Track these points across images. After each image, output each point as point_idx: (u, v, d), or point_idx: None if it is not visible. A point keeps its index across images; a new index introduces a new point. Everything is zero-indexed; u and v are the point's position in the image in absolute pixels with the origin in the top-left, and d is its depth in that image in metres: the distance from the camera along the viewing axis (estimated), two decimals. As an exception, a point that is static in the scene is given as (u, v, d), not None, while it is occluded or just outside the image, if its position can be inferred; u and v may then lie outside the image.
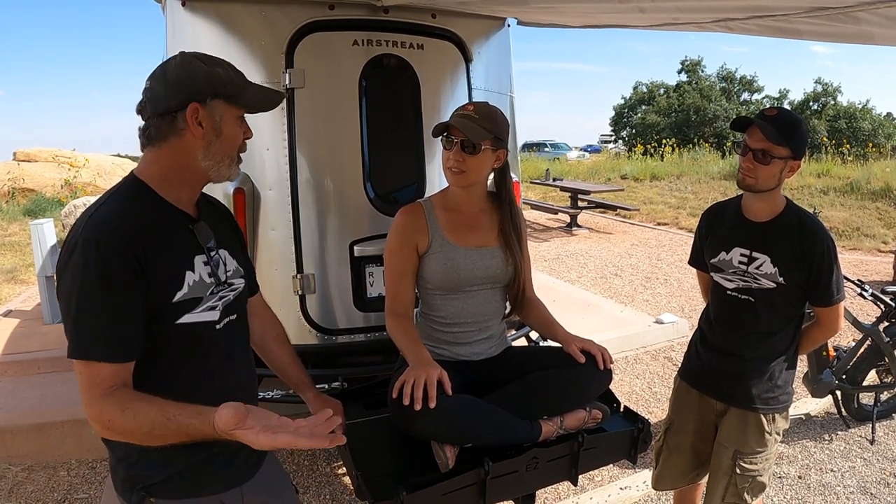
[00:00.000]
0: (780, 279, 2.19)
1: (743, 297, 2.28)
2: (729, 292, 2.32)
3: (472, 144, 1.99)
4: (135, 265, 1.31)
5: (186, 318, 1.41)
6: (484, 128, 1.99)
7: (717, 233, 2.38)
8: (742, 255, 2.27)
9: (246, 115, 1.53)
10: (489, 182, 2.20)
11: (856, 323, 4.07)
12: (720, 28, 2.76)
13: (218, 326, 1.50)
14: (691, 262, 2.60)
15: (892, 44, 2.43)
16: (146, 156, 1.45)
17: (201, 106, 1.38)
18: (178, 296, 1.39)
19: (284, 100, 2.92)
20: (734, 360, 2.32)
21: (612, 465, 3.50)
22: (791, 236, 2.18)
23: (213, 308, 1.48)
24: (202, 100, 1.38)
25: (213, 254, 1.51)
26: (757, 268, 2.23)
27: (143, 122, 1.43)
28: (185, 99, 1.37)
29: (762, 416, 2.28)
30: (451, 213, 2.15)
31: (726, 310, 2.35)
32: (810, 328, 2.37)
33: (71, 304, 1.29)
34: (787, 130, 2.08)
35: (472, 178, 2.06)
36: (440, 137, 2.07)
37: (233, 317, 1.56)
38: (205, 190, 1.58)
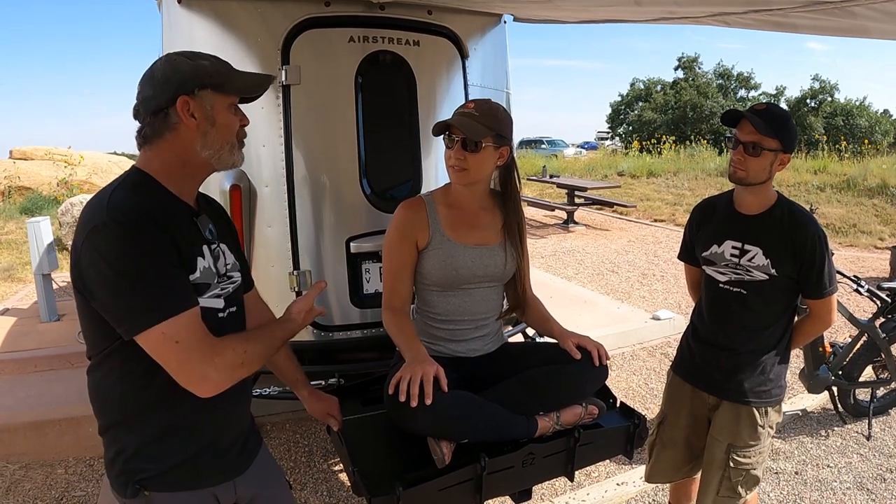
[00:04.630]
0: (773, 271, 2.20)
1: (735, 289, 2.29)
2: (721, 285, 2.33)
3: (474, 142, 1.98)
4: (159, 229, 1.34)
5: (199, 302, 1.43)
6: (484, 125, 1.98)
7: (708, 226, 2.40)
8: (734, 247, 2.28)
9: (241, 105, 1.54)
10: (493, 180, 2.20)
11: (852, 319, 4.08)
12: (717, 22, 2.76)
13: (221, 315, 1.52)
14: (681, 257, 2.61)
15: (888, 37, 2.44)
16: (144, 153, 1.46)
17: (190, 98, 1.41)
18: (192, 278, 1.42)
19: (281, 95, 2.93)
20: (726, 353, 2.33)
21: (608, 460, 3.51)
22: (782, 228, 2.19)
23: (218, 296, 1.51)
24: (190, 91, 1.40)
25: (213, 246, 1.53)
26: (749, 260, 2.24)
27: (139, 125, 1.46)
28: (173, 93, 1.40)
29: (755, 409, 2.29)
30: (453, 209, 2.14)
31: (718, 303, 2.36)
32: (804, 321, 2.38)
33: (133, 275, 1.29)
34: (776, 123, 2.11)
35: (473, 175, 2.05)
36: (443, 136, 2.06)
37: (233, 309, 1.59)
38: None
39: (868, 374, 4.26)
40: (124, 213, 1.31)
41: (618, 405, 2.29)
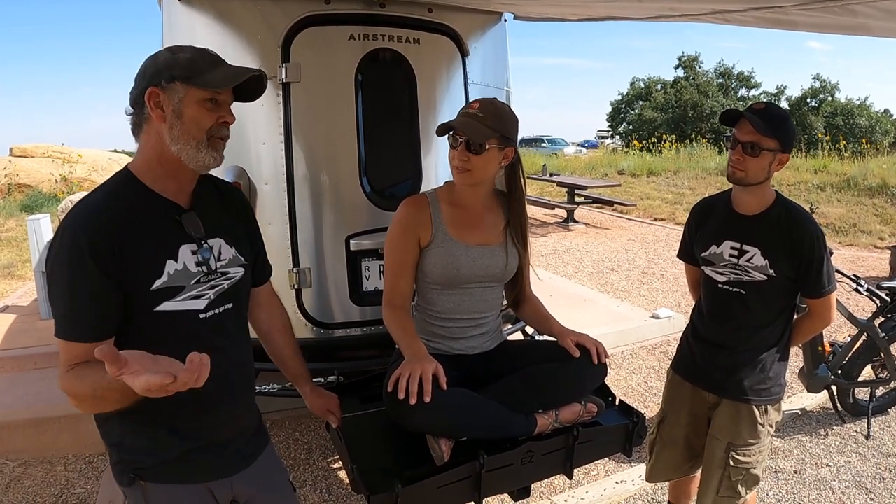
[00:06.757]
0: (771, 271, 2.20)
1: (734, 289, 2.29)
2: (720, 285, 2.33)
3: (478, 144, 1.97)
4: (108, 251, 1.34)
5: (165, 307, 1.43)
6: (489, 126, 1.96)
7: (707, 227, 2.39)
8: (732, 248, 2.28)
9: (239, 105, 1.53)
10: (498, 180, 2.19)
11: (851, 318, 4.08)
12: (716, 19, 2.75)
13: (202, 316, 1.50)
14: (680, 256, 2.61)
15: (890, 35, 2.43)
16: (137, 150, 1.49)
17: (160, 90, 1.41)
18: (157, 283, 1.41)
19: (281, 93, 2.92)
20: (726, 352, 2.33)
21: (607, 459, 3.51)
22: (780, 228, 2.19)
23: (198, 297, 1.49)
24: (159, 83, 1.41)
25: (203, 243, 1.51)
26: (748, 260, 2.24)
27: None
28: (146, 85, 1.41)
29: (754, 407, 2.29)
30: (456, 208, 2.13)
31: (717, 303, 2.36)
32: (803, 320, 2.38)
33: (50, 287, 1.36)
34: (775, 123, 2.10)
35: (477, 176, 2.04)
36: (447, 136, 2.04)
37: (228, 306, 1.57)
38: None
39: (867, 373, 4.26)
40: (82, 223, 1.34)
41: (617, 403, 2.29)
